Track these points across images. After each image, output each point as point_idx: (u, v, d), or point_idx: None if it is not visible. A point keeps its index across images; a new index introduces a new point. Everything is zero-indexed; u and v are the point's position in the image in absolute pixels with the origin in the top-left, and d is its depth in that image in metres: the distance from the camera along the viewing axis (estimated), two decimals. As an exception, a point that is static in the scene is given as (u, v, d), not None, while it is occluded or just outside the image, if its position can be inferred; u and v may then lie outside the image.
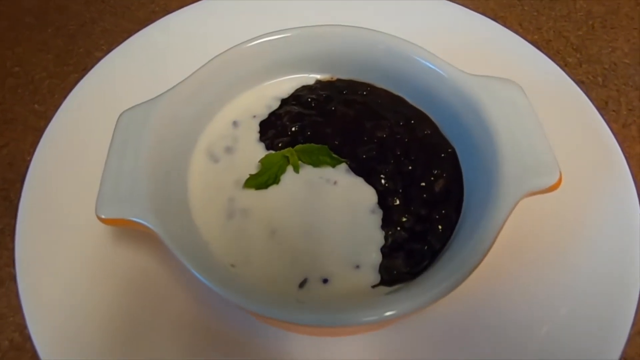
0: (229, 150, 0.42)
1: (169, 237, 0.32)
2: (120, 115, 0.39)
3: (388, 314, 0.28)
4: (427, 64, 0.42)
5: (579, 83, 0.50)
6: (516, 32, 0.55)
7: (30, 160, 0.52)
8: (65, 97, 0.52)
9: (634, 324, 0.35)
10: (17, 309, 0.43)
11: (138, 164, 0.36)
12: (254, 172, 0.40)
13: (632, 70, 0.58)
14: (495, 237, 0.31)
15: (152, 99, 0.40)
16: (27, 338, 0.42)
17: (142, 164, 0.36)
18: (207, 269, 0.31)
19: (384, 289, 0.35)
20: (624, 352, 0.35)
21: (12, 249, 0.47)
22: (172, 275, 0.40)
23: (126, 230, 0.42)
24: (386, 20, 0.48)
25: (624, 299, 0.37)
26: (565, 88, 0.48)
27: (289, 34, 0.43)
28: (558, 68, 0.50)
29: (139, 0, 0.69)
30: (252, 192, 0.39)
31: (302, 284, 0.35)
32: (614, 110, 0.55)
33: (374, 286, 0.35)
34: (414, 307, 0.29)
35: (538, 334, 0.37)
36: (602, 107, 0.49)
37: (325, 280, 0.35)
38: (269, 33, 0.43)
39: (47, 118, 0.57)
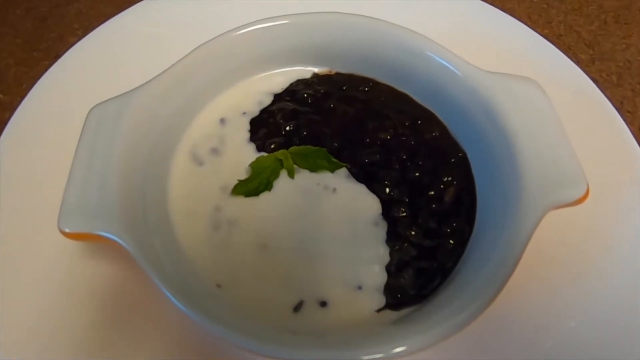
0: (215, 152, 0.38)
1: (142, 254, 0.28)
2: (91, 110, 0.34)
3: (398, 350, 0.24)
4: (438, 58, 0.38)
5: (594, 82, 0.47)
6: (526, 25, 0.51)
7: (-8, 158, 0.47)
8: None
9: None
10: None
11: (109, 168, 0.31)
12: (243, 177, 0.36)
13: (647, 69, 0.55)
14: (520, 258, 0.28)
15: (126, 93, 0.35)
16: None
17: (114, 167, 0.31)
18: (185, 293, 0.27)
19: (389, 313, 0.31)
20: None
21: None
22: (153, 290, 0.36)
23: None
24: (387, 11, 0.43)
25: None
26: (583, 87, 0.45)
27: (283, 22, 0.39)
28: (574, 65, 0.46)
29: (119, -20, 0.63)
30: (240, 200, 0.35)
31: (297, 308, 0.31)
32: (629, 112, 0.51)
33: (378, 310, 0.31)
34: (430, 341, 0.25)
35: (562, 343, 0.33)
36: (618, 108, 0.45)
37: (323, 304, 0.31)
38: (261, 20, 0.38)
39: (12, 110, 0.51)
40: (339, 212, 0.34)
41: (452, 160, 0.37)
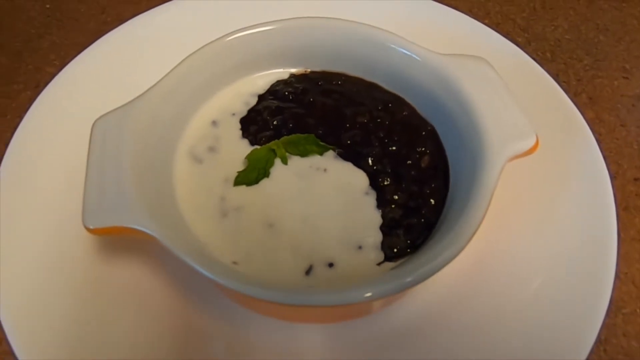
0: (212, 150, 0.41)
1: (169, 240, 0.31)
2: (95, 121, 0.37)
3: (407, 280, 0.29)
4: (399, 48, 0.43)
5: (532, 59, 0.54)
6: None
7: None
8: (19, 116, 0.49)
9: (617, 274, 0.38)
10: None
11: (122, 171, 0.34)
12: (241, 168, 0.40)
13: (574, 45, 0.63)
14: (489, 203, 0.33)
15: (126, 104, 0.38)
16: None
17: (127, 169, 0.34)
18: (211, 265, 0.30)
19: (388, 264, 0.35)
20: (610, 301, 0.37)
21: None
22: (164, 285, 0.39)
23: (105, 247, 0.40)
24: (348, 11, 0.48)
25: (605, 255, 0.39)
26: (523, 63, 0.52)
27: (262, 29, 0.43)
28: (514, 46, 0.53)
29: (88, 11, 0.66)
30: (243, 189, 0.39)
31: (308, 271, 0.35)
32: (564, 82, 0.59)
33: (379, 264, 0.35)
34: (425, 274, 0.30)
35: (527, 289, 0.39)
36: (555, 80, 0.53)
37: (330, 265, 0.35)
38: (242, 29, 0.43)
39: (0, 140, 0.53)
40: (332, 187, 0.38)
41: (423, 133, 0.42)
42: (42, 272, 0.38)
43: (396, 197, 0.38)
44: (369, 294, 0.29)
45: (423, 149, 0.41)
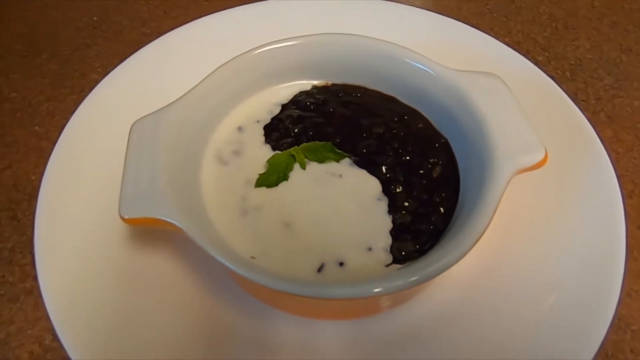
0: (236, 153, 0.44)
1: (194, 233, 0.34)
2: (133, 124, 0.41)
3: (413, 278, 0.31)
4: (416, 64, 0.45)
5: (551, 78, 0.55)
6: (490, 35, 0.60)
7: (35, 180, 0.53)
8: (66, 118, 0.53)
9: (623, 285, 0.39)
10: (35, 321, 0.44)
11: (155, 168, 0.38)
12: (262, 171, 0.42)
13: (595, 64, 0.64)
14: (494, 212, 0.34)
15: (161, 108, 0.42)
16: (47, 349, 0.42)
17: (159, 168, 0.38)
18: (234, 259, 0.33)
19: (396, 266, 0.37)
20: (616, 314, 0.38)
21: (24, 266, 0.47)
22: (188, 274, 0.42)
23: (139, 237, 0.43)
24: (374, 31, 0.51)
25: (612, 267, 0.40)
26: (540, 81, 0.53)
27: (287, 43, 0.46)
28: (531, 64, 0.55)
29: (131, 24, 0.72)
30: (263, 190, 0.41)
31: (319, 269, 0.37)
32: (583, 100, 0.60)
33: (387, 265, 0.37)
34: (430, 274, 0.31)
35: (535, 302, 0.40)
36: (573, 98, 0.54)
37: (341, 264, 0.37)
38: (269, 43, 0.46)
39: (48, 139, 0.58)
40: (346, 193, 0.41)
41: (436, 145, 0.44)
42: (84, 256, 0.42)
43: (407, 204, 0.40)
44: (378, 289, 0.31)
45: (435, 159, 0.43)
